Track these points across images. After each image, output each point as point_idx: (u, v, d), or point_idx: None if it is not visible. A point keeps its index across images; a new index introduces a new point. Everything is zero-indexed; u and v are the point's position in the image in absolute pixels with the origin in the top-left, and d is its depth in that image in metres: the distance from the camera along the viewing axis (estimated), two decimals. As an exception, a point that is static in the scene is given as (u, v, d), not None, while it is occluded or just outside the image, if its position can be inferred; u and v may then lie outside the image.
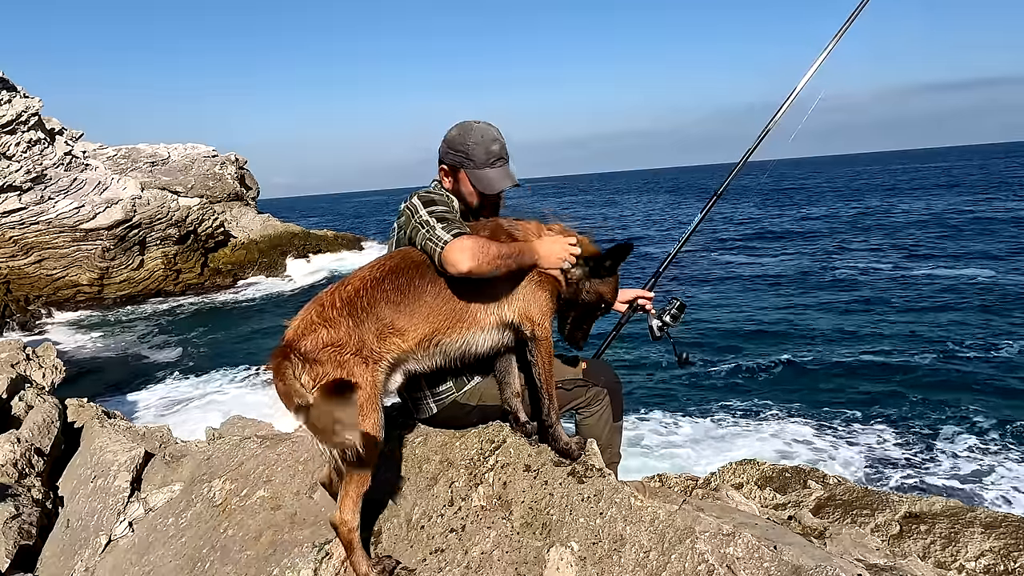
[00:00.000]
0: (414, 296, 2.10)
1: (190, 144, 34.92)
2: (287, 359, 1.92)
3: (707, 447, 9.79)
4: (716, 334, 16.05)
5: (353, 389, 1.85)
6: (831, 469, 4.30)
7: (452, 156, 2.43)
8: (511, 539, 2.05)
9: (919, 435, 9.75)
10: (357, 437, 1.85)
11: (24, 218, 22.17)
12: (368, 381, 1.97)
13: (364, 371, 1.97)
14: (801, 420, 10.58)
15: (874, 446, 9.50)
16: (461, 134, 2.44)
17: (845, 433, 10.00)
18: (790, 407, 11.16)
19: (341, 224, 56.44)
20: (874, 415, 10.58)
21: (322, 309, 2.02)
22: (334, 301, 2.03)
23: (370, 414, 1.97)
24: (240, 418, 4.75)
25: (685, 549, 1.87)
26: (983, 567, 2.97)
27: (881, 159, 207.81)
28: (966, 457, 8.97)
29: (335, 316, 2.00)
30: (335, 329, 1.97)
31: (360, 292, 2.05)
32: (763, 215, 44.20)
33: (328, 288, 2.11)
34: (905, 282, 20.29)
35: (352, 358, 1.96)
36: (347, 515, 2.02)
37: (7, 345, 5.95)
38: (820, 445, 9.64)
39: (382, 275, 2.10)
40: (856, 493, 3.64)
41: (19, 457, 3.69)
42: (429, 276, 2.12)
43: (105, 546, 2.99)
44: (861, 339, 14.78)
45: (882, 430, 10.00)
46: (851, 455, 9.27)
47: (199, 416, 11.93)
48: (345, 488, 2.02)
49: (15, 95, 21.75)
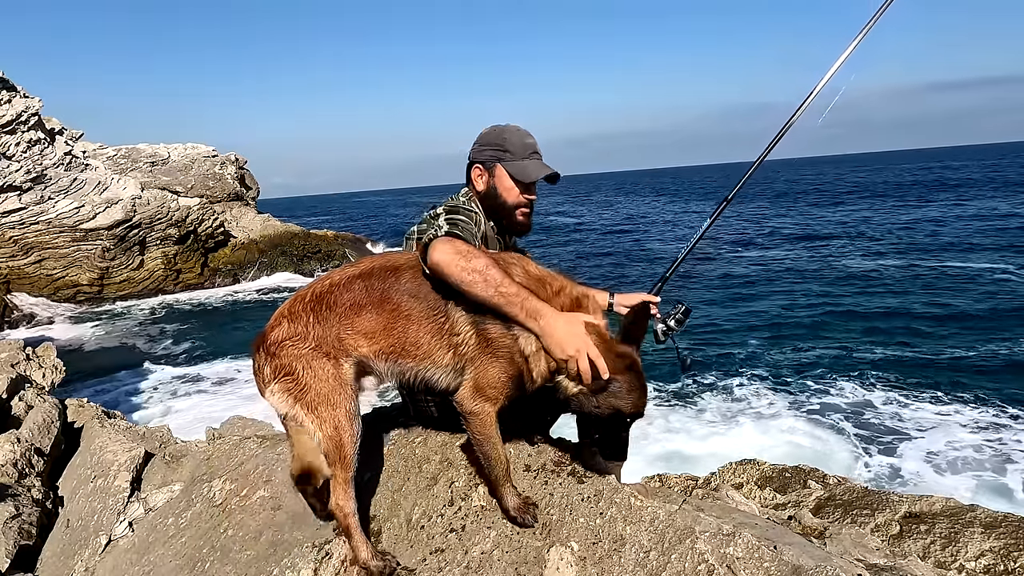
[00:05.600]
0: (380, 302, 2.00)
1: (190, 144, 34.92)
2: (257, 350, 2.04)
3: (707, 447, 9.79)
4: (717, 333, 16.06)
5: (309, 384, 1.94)
6: (831, 469, 4.30)
7: (488, 151, 2.38)
8: (511, 539, 2.05)
9: (920, 435, 9.75)
10: (326, 427, 1.95)
11: (24, 218, 22.17)
12: (330, 374, 1.97)
13: (324, 364, 1.98)
14: (801, 420, 10.58)
15: (875, 445, 9.50)
16: (495, 131, 2.41)
17: (845, 433, 10.00)
18: (790, 407, 11.16)
19: (341, 224, 56.48)
20: (875, 414, 10.59)
21: (293, 301, 2.06)
22: (305, 295, 2.06)
23: (338, 404, 1.97)
24: (240, 418, 4.75)
25: (685, 549, 1.87)
26: (983, 567, 2.97)
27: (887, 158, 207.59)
28: (967, 456, 8.97)
29: (299, 311, 2.02)
30: (296, 324, 2.00)
31: (332, 288, 2.04)
32: (765, 215, 44.19)
33: (308, 284, 2.13)
34: (906, 281, 20.30)
35: (311, 352, 1.98)
36: (340, 499, 2.04)
37: (7, 345, 5.95)
38: (820, 444, 9.64)
39: (357, 274, 2.06)
40: (856, 493, 3.64)
41: (19, 457, 3.69)
42: (400, 285, 2.01)
43: (105, 546, 2.99)
44: (861, 339, 14.78)
45: (882, 429, 10.01)
46: (851, 455, 9.28)
47: (199, 416, 11.93)
48: (333, 474, 2.03)
49: (15, 95, 21.75)
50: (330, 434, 1.97)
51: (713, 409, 11.30)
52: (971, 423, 9.99)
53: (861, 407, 10.91)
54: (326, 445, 1.99)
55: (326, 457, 2.01)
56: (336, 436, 1.97)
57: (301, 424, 2.01)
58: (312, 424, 1.98)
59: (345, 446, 1.98)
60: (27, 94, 22.30)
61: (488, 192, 2.39)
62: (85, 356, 18.00)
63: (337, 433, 1.97)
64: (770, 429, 10.35)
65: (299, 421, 2.00)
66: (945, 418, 10.25)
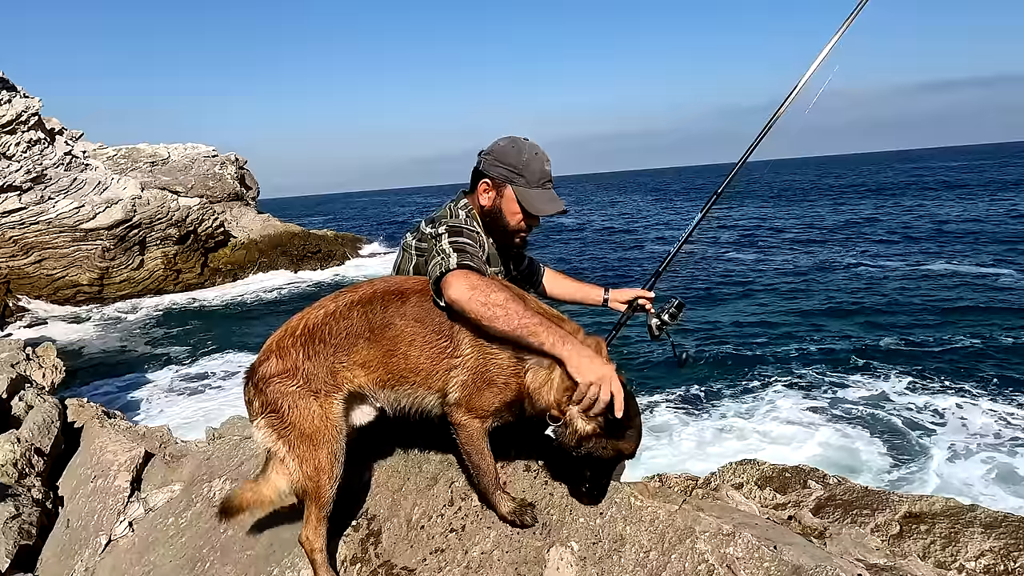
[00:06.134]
0: (381, 329, 1.96)
1: (190, 144, 34.94)
2: (247, 383, 2.03)
3: (707, 447, 9.80)
4: (716, 332, 16.05)
5: (294, 422, 1.93)
6: (831, 469, 4.30)
7: (503, 170, 2.24)
8: (511, 539, 2.05)
9: (920, 435, 9.75)
10: (306, 467, 1.95)
11: (24, 218, 22.17)
12: (316, 413, 1.94)
13: (311, 403, 1.94)
14: (802, 419, 10.57)
15: (875, 445, 9.50)
16: (515, 148, 2.25)
17: (846, 432, 10.00)
18: (790, 407, 11.16)
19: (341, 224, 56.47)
20: (874, 414, 10.58)
21: (282, 335, 2.01)
22: (296, 328, 2.00)
23: (321, 445, 1.95)
24: (240, 418, 4.73)
25: (685, 549, 1.87)
26: (983, 567, 2.97)
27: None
28: (967, 456, 8.97)
29: (288, 345, 1.97)
30: (284, 359, 1.96)
31: (326, 319, 1.98)
32: (764, 214, 44.19)
33: (301, 311, 2.06)
34: (906, 280, 20.30)
35: (298, 390, 1.94)
36: (310, 535, 2.03)
37: (7, 345, 5.94)
38: (820, 444, 9.64)
39: (356, 300, 2.00)
40: (856, 493, 3.63)
41: (19, 457, 3.69)
42: (405, 310, 1.97)
43: (105, 546, 2.99)
44: (860, 338, 14.78)
45: (883, 430, 10.01)
46: (852, 454, 9.28)
47: (199, 416, 11.93)
48: (307, 510, 2.02)
49: (15, 95, 21.75)
50: (309, 474, 1.96)
51: (713, 409, 11.30)
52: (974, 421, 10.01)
53: (861, 406, 10.91)
54: (304, 484, 1.98)
55: (303, 494, 2.01)
56: (315, 476, 1.96)
57: (282, 461, 1.99)
58: (293, 463, 1.96)
59: (322, 488, 1.97)
60: (27, 94, 22.30)
61: (492, 210, 2.29)
62: (85, 356, 18.01)
63: (316, 474, 1.96)
64: (770, 429, 10.35)
65: (280, 458, 1.99)
66: (946, 417, 10.25)
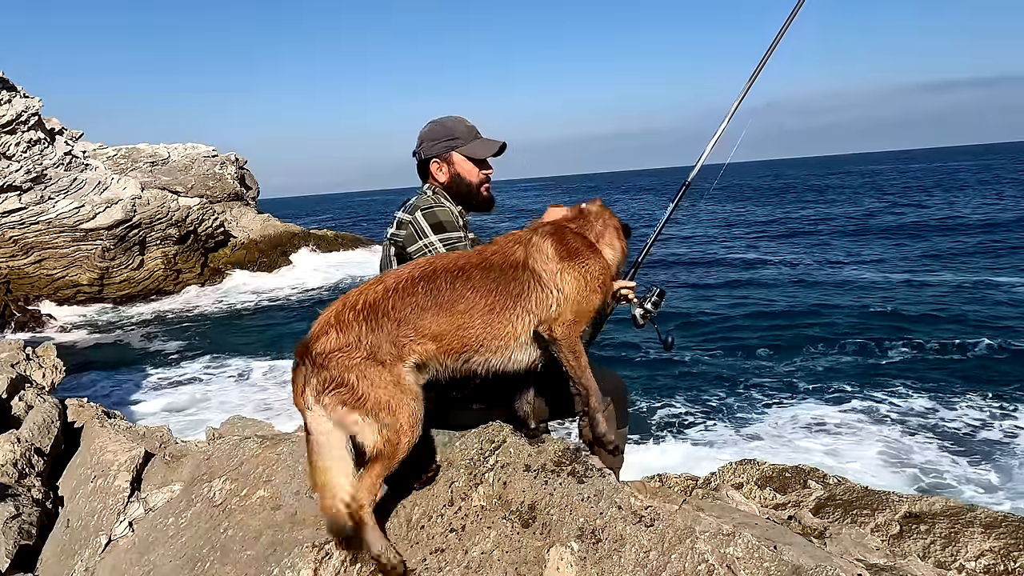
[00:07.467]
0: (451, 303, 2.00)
1: (190, 144, 34.92)
2: (302, 360, 1.96)
3: (707, 447, 9.80)
4: (714, 332, 16.05)
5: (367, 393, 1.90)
6: (831, 469, 4.30)
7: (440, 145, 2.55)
8: (511, 539, 2.05)
9: (920, 434, 9.75)
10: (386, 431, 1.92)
11: (24, 218, 22.17)
12: (388, 380, 1.92)
13: (381, 371, 1.92)
14: (801, 419, 10.57)
15: (875, 445, 9.49)
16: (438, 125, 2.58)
17: (845, 432, 10.00)
18: (790, 406, 11.16)
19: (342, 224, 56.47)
20: (874, 414, 10.58)
21: (341, 309, 1.98)
22: (356, 302, 1.98)
23: (400, 409, 1.93)
24: (240, 418, 4.75)
25: (685, 549, 1.87)
26: (983, 567, 2.97)
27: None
28: (967, 456, 8.97)
29: (350, 319, 1.94)
30: (346, 333, 1.92)
31: (387, 295, 1.98)
32: (762, 212, 44.20)
33: (359, 286, 2.06)
34: (906, 281, 20.30)
35: (363, 361, 1.91)
36: (363, 493, 1.96)
37: (7, 345, 5.94)
38: (820, 444, 9.64)
39: (418, 276, 2.02)
40: (856, 493, 3.64)
41: (19, 457, 3.69)
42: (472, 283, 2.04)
43: (105, 546, 2.99)
44: (861, 338, 14.77)
45: (883, 429, 10.00)
46: (852, 454, 9.27)
47: (199, 416, 11.93)
48: (370, 472, 1.96)
49: (15, 95, 21.73)
50: (389, 437, 1.92)
51: (712, 408, 11.30)
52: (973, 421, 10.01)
53: (861, 405, 10.91)
54: (383, 448, 1.93)
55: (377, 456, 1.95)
56: (395, 439, 1.93)
57: (360, 434, 1.94)
58: (370, 431, 1.92)
59: (400, 450, 1.95)
60: (27, 94, 22.28)
61: (453, 179, 2.56)
62: (85, 356, 17.98)
63: (397, 436, 1.93)
64: (770, 429, 10.35)
65: (358, 430, 1.93)
66: (946, 417, 10.25)
